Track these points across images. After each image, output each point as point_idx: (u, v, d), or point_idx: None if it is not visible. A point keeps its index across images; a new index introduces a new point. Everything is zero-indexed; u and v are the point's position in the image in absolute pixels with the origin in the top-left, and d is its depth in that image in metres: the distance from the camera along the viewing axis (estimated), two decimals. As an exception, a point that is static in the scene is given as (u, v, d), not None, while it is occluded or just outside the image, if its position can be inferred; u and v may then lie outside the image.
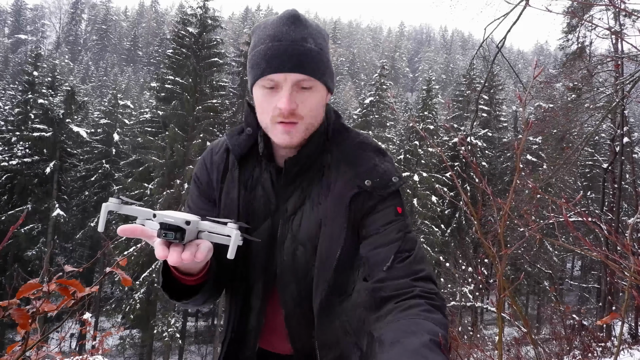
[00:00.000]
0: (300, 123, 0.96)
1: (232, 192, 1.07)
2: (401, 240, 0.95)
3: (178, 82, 19.76)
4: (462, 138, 3.50)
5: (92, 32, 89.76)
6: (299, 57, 0.92)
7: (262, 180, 1.06)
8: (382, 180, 1.00)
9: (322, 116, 1.04)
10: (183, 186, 18.23)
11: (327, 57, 0.99)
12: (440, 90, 44.92)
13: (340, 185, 1.00)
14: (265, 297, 1.07)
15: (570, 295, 26.87)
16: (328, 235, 0.99)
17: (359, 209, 0.99)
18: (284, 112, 0.93)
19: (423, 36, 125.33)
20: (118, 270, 1.49)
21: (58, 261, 2.68)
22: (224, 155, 1.11)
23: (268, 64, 0.92)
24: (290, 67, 0.92)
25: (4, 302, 1.24)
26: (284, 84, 0.93)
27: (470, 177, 19.12)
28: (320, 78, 0.96)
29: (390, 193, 1.00)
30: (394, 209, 0.99)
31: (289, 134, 0.96)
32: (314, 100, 0.97)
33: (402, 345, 0.76)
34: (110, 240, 1.78)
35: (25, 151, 20.59)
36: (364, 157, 1.03)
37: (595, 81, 8.64)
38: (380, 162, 1.03)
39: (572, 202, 1.90)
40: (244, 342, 1.11)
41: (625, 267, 1.76)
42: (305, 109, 0.96)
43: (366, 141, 1.08)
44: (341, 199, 0.99)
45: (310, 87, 0.95)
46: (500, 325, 2.13)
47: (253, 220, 1.06)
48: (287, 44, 0.92)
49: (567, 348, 6.30)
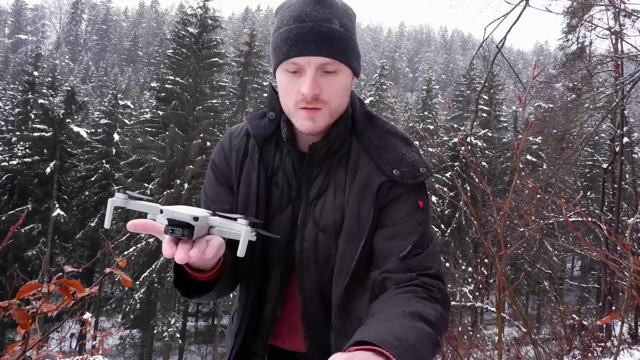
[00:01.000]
0: (325, 109, 0.93)
1: (251, 177, 1.02)
2: (419, 235, 0.93)
3: (178, 82, 19.77)
4: (462, 138, 3.49)
5: (92, 32, 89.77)
6: (323, 39, 0.88)
7: (284, 166, 1.03)
8: (410, 170, 0.97)
9: (347, 101, 1.00)
10: (183, 186, 18.23)
11: (353, 38, 0.94)
12: (440, 90, 44.94)
13: (367, 172, 0.97)
14: (282, 286, 1.04)
15: (570, 295, 26.88)
16: (353, 222, 0.96)
17: (384, 197, 0.96)
18: (307, 97, 0.90)
19: (423, 36, 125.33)
20: (118, 271, 1.50)
21: (58, 261, 2.69)
22: (244, 139, 1.07)
23: (290, 46, 0.89)
24: (314, 49, 0.88)
25: (4, 302, 1.24)
26: (308, 68, 0.89)
27: (470, 177, 19.13)
28: (345, 61, 0.92)
29: (417, 184, 0.98)
30: (416, 202, 0.97)
31: (312, 120, 0.93)
32: (339, 85, 0.93)
33: (384, 314, 0.78)
34: (110, 240, 1.78)
35: (25, 151, 20.60)
36: (392, 145, 1.00)
37: (595, 81, 8.64)
38: (408, 152, 1.00)
39: (572, 202, 1.90)
40: (258, 334, 1.08)
41: (625, 267, 1.76)
42: (329, 94, 0.92)
43: (393, 130, 1.04)
44: (368, 187, 0.96)
45: (335, 71, 0.91)
46: (500, 325, 2.13)
47: (273, 206, 1.02)
48: (311, 25, 0.88)
49: (567, 348, 6.30)
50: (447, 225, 23.31)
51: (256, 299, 1.07)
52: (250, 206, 1.02)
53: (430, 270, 0.91)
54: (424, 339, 0.74)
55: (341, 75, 0.93)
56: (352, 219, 0.96)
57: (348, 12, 0.96)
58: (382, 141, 1.00)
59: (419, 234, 0.93)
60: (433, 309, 0.84)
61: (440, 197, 21.94)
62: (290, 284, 1.04)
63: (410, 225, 0.94)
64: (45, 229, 20.21)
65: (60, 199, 21.44)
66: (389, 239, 0.93)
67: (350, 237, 0.95)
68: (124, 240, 17.87)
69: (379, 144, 1.00)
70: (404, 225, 0.94)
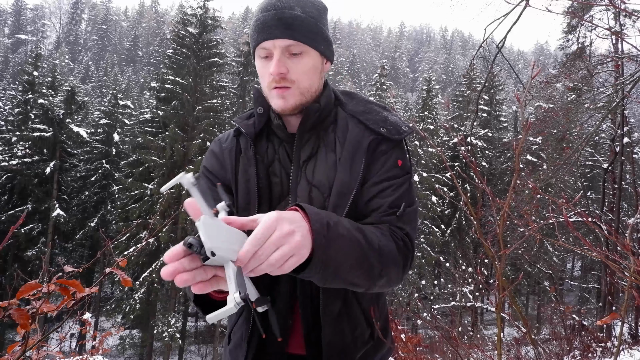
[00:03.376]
0: (294, 87, 1.01)
1: (249, 171, 1.07)
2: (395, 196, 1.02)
3: (178, 82, 19.75)
4: (462, 138, 3.49)
5: (92, 32, 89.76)
6: (285, 24, 0.97)
7: (278, 156, 1.08)
8: (394, 127, 1.07)
9: (318, 83, 1.07)
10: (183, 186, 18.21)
11: (317, 24, 1.02)
12: (441, 90, 44.90)
13: (357, 132, 1.05)
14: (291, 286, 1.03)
15: (571, 295, 26.88)
16: (346, 175, 1.02)
17: (372, 154, 1.05)
18: (275, 76, 0.99)
19: (423, 36, 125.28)
20: (118, 271, 1.49)
21: (58, 261, 2.68)
22: (234, 140, 1.13)
23: (259, 33, 0.99)
24: (278, 34, 0.97)
25: (4, 303, 1.24)
26: (274, 51, 0.98)
27: (470, 177, 19.12)
28: (309, 43, 1.00)
29: (397, 144, 1.07)
30: (396, 160, 1.06)
31: (283, 99, 1.01)
32: (306, 65, 1.01)
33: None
34: (110, 240, 1.77)
35: (25, 151, 20.58)
36: (375, 110, 1.10)
37: (595, 81, 8.63)
38: (389, 115, 1.10)
39: (572, 202, 1.90)
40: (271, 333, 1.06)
41: (625, 267, 1.76)
42: (296, 74, 1.00)
43: (372, 100, 1.15)
44: (359, 144, 1.04)
45: (300, 53, 1.00)
46: (500, 325, 2.13)
47: (274, 195, 1.06)
48: (274, 12, 0.98)
49: (567, 348, 6.30)
50: (447, 225, 23.30)
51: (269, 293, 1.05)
52: (252, 199, 1.04)
53: (403, 230, 1.00)
54: (350, 235, 0.83)
55: (307, 56, 1.01)
56: (344, 173, 1.02)
57: (314, 3, 1.04)
58: (366, 108, 1.11)
59: (396, 194, 1.02)
60: (383, 238, 0.92)
61: (440, 197, 21.93)
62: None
63: (390, 187, 1.02)
64: (45, 229, 20.21)
65: (60, 199, 21.43)
66: (372, 198, 1.02)
67: (342, 189, 1.01)
68: (124, 240, 17.87)
69: (363, 109, 1.10)
70: (383, 185, 1.02)
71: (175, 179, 0.72)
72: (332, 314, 1.01)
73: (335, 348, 1.02)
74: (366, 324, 1.07)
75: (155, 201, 18.34)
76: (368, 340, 1.08)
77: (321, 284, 0.83)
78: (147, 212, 18.20)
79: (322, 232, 0.77)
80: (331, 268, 0.79)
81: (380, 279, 0.90)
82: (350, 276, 0.84)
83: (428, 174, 22.40)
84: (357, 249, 0.84)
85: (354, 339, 1.04)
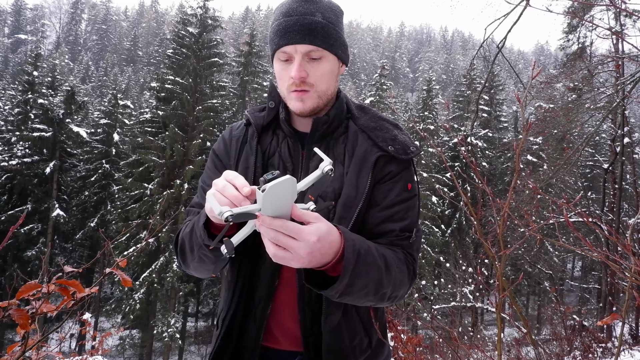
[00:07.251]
0: (312, 91, 1.05)
1: (249, 160, 1.12)
2: (408, 220, 1.08)
3: (178, 82, 19.76)
4: (462, 138, 3.49)
5: (92, 32, 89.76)
6: (307, 29, 1.01)
7: (280, 149, 1.13)
8: (402, 147, 1.10)
9: (335, 86, 1.12)
10: (183, 186, 18.22)
11: (336, 29, 1.06)
12: (441, 90, 44.93)
13: (366, 148, 1.09)
14: (276, 266, 1.06)
15: (571, 295, 26.87)
16: (352, 190, 1.05)
17: (380, 171, 1.08)
18: (295, 80, 1.03)
19: (423, 36, 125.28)
20: (118, 271, 1.49)
21: (58, 261, 2.69)
22: (244, 129, 1.19)
23: (280, 37, 1.03)
24: (299, 39, 1.01)
25: (3, 303, 1.23)
26: (295, 55, 1.03)
27: (470, 177, 19.12)
28: (328, 48, 1.04)
29: (407, 166, 1.11)
30: (405, 184, 1.10)
31: (302, 102, 1.06)
32: (325, 70, 1.06)
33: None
34: (110, 240, 1.77)
35: (25, 151, 20.56)
36: (386, 128, 1.13)
37: (595, 81, 8.63)
38: (399, 134, 1.13)
39: (572, 202, 1.90)
40: (250, 321, 1.09)
41: (625, 268, 1.76)
42: (315, 78, 1.05)
43: (384, 117, 1.18)
44: (366, 160, 1.08)
45: (319, 58, 1.04)
46: (500, 325, 2.13)
47: None
48: (296, 18, 1.02)
49: (568, 349, 6.29)
50: (447, 225, 23.30)
51: (247, 282, 1.09)
52: None
53: (413, 257, 1.07)
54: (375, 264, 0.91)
55: (326, 61, 1.05)
56: (351, 187, 1.06)
57: (333, 8, 1.08)
58: (377, 124, 1.14)
59: (408, 219, 1.08)
60: (401, 266, 1.00)
61: (440, 198, 21.93)
62: (285, 269, 1.07)
63: (401, 212, 1.07)
64: (45, 229, 20.19)
65: (60, 199, 21.42)
66: (383, 221, 1.06)
67: (348, 203, 1.04)
68: (124, 241, 17.87)
69: (374, 126, 1.13)
70: (395, 209, 1.07)
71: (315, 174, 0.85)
72: (332, 323, 1.05)
73: (334, 354, 1.05)
74: (364, 333, 1.12)
75: (155, 201, 18.34)
76: (366, 349, 1.12)
77: (334, 299, 0.90)
78: (147, 212, 18.19)
79: (352, 261, 0.85)
80: (351, 292, 0.89)
81: (388, 301, 0.99)
82: (363, 299, 0.93)
83: (428, 174, 22.39)
84: (377, 277, 0.92)
85: (353, 347, 1.08)
